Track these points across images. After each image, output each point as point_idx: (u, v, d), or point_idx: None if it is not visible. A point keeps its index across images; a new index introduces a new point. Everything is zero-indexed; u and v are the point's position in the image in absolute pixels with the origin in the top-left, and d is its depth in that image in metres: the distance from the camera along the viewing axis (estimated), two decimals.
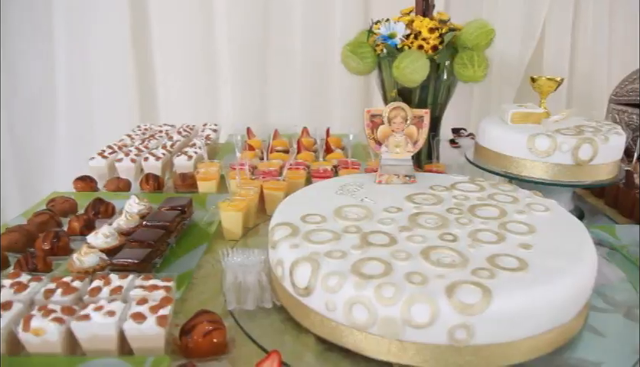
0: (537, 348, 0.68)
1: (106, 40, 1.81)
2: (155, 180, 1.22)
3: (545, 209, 0.89)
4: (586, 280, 0.74)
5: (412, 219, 0.84)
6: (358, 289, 0.66)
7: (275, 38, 1.88)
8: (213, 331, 0.70)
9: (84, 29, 1.79)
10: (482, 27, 1.17)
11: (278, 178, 1.14)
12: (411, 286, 0.65)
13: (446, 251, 0.74)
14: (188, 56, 1.86)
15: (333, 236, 0.78)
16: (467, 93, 1.93)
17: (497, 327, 0.65)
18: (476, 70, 1.14)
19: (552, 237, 0.80)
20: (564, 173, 1.06)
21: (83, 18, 1.78)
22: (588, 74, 1.89)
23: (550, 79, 1.18)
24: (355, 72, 1.25)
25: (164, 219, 0.98)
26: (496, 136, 1.12)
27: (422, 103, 1.26)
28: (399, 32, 1.18)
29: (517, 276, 0.69)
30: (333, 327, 0.70)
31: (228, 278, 0.84)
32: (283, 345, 0.72)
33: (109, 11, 1.78)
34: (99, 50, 1.82)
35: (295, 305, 0.75)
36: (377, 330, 0.66)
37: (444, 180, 1.02)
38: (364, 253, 0.74)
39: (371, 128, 1.00)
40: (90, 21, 1.79)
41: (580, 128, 1.09)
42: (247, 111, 1.91)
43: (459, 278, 0.67)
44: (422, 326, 0.64)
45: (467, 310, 0.63)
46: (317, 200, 0.92)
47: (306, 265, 0.72)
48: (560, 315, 0.69)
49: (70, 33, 1.79)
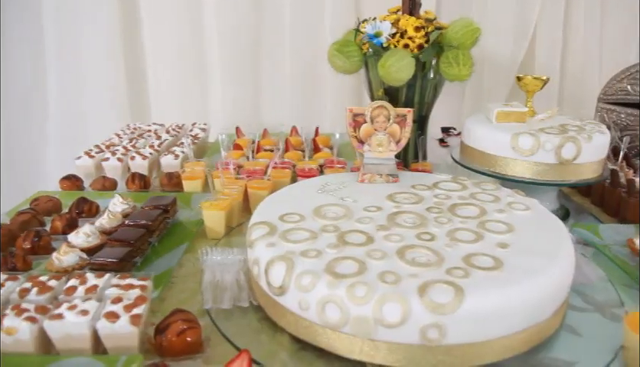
0: (511, 347, 0.68)
1: (96, 40, 1.80)
2: (141, 180, 1.22)
3: (525, 208, 0.89)
4: (563, 280, 0.74)
5: (390, 218, 0.84)
6: (331, 288, 0.66)
7: (265, 37, 1.88)
8: (187, 330, 0.70)
9: (74, 29, 1.78)
10: (468, 26, 1.16)
11: (262, 177, 1.14)
12: (384, 285, 0.65)
13: (422, 251, 0.74)
14: (179, 55, 1.86)
15: (310, 235, 0.78)
16: (458, 92, 1.93)
17: (470, 326, 0.65)
18: (461, 69, 1.13)
19: (530, 236, 0.80)
20: (548, 172, 1.05)
21: (73, 18, 1.77)
22: (580, 73, 1.89)
23: (536, 78, 1.18)
24: (342, 71, 1.24)
25: (146, 218, 0.98)
26: (481, 135, 1.12)
27: (409, 102, 1.25)
28: (385, 31, 1.18)
29: (492, 275, 0.69)
30: (307, 326, 0.70)
31: (206, 277, 0.84)
32: (258, 345, 0.73)
33: (99, 11, 1.77)
34: (89, 50, 1.81)
35: (271, 304, 0.75)
36: (349, 329, 0.66)
37: (427, 180, 1.02)
38: (340, 252, 0.74)
39: (353, 126, 1.00)
40: (80, 20, 1.78)
41: (564, 127, 1.08)
42: (238, 110, 1.90)
43: (433, 278, 0.67)
44: (393, 325, 0.64)
45: (439, 309, 0.63)
46: (297, 199, 0.92)
47: (281, 264, 0.71)
48: (534, 314, 0.69)
49: (60, 33, 1.78)
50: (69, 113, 1.86)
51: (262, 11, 1.84)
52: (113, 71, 1.82)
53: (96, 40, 1.80)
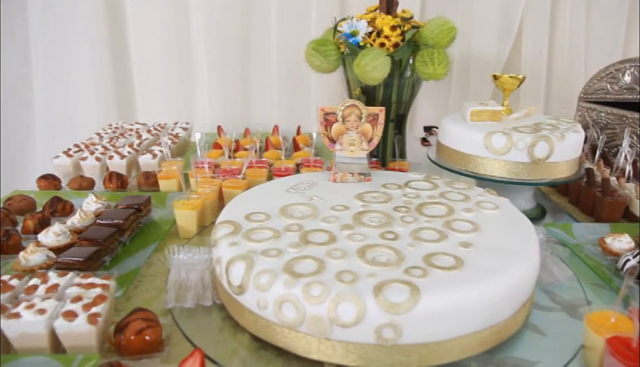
0: (469, 347, 0.68)
1: (82, 39, 1.80)
2: (119, 179, 1.22)
3: (494, 208, 0.89)
4: (524, 280, 0.73)
5: (356, 218, 0.84)
6: (288, 287, 0.66)
7: (252, 36, 1.87)
8: (146, 329, 0.70)
9: (60, 27, 1.78)
10: (444, 25, 1.16)
11: (237, 176, 1.14)
12: (340, 285, 0.65)
13: (384, 250, 0.74)
14: (165, 54, 1.85)
15: (273, 234, 0.78)
16: (444, 91, 1.93)
17: (426, 326, 0.64)
18: (436, 68, 1.13)
19: (495, 235, 0.80)
20: (522, 171, 1.05)
21: (59, 16, 1.77)
22: (566, 71, 1.88)
23: (512, 76, 1.17)
24: (319, 70, 1.24)
25: (118, 217, 0.98)
26: (455, 134, 1.12)
27: (387, 101, 1.25)
28: (361, 30, 1.18)
29: (451, 275, 0.68)
30: (265, 325, 0.70)
31: (171, 276, 0.84)
32: (218, 344, 0.73)
33: (86, 10, 1.77)
34: (75, 49, 1.81)
35: (232, 303, 0.75)
36: (305, 329, 0.66)
37: (399, 179, 1.02)
38: (301, 252, 0.73)
39: (325, 125, 1.00)
40: (66, 19, 1.78)
41: (538, 126, 1.08)
42: (225, 108, 1.90)
43: (390, 277, 0.67)
44: (348, 324, 0.64)
45: (393, 308, 0.63)
46: (266, 198, 0.92)
47: (241, 263, 0.71)
48: (494, 314, 0.69)
49: (46, 31, 1.78)
50: (55, 112, 1.86)
51: (249, 10, 1.84)
52: (100, 70, 1.82)
53: (82, 38, 1.80)
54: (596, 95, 1.40)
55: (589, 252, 0.98)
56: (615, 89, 1.37)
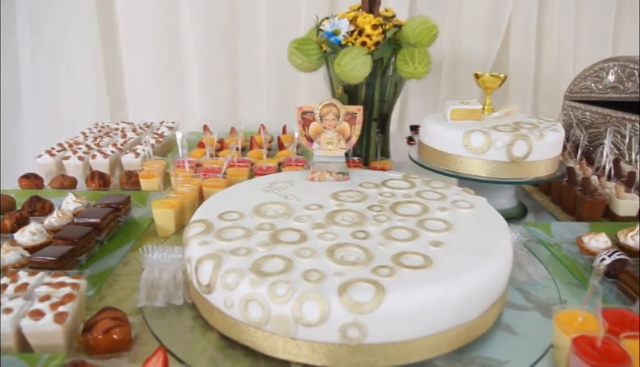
0: (437, 347, 0.68)
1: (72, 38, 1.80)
2: (101, 178, 1.22)
3: (469, 207, 0.89)
4: (494, 279, 0.73)
5: (329, 217, 0.84)
6: (253, 286, 0.66)
7: (241, 36, 1.88)
8: (114, 328, 0.69)
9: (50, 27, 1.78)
10: (425, 24, 1.15)
11: (218, 175, 1.14)
12: (305, 284, 0.65)
13: (353, 249, 0.74)
14: (155, 54, 1.86)
15: (244, 234, 0.78)
16: (434, 90, 1.92)
17: (391, 326, 0.64)
18: (416, 67, 1.13)
19: (467, 234, 0.80)
20: (500, 170, 1.05)
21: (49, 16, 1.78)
22: (554, 70, 1.88)
23: (494, 75, 1.17)
24: (301, 69, 1.24)
25: (96, 217, 0.98)
26: (436, 133, 1.12)
27: (369, 100, 1.25)
28: (343, 29, 1.18)
29: (418, 274, 0.68)
30: (232, 324, 0.70)
31: (144, 275, 0.84)
32: (187, 343, 0.72)
33: (76, 9, 1.77)
34: (65, 48, 1.81)
35: (202, 302, 0.75)
36: (271, 328, 0.66)
37: (377, 178, 1.02)
38: (270, 251, 0.73)
39: (302, 125, 1.00)
40: (56, 18, 1.78)
41: (518, 125, 1.08)
42: (214, 108, 1.90)
43: (357, 276, 0.66)
44: (313, 324, 0.63)
45: (357, 308, 0.63)
46: (242, 197, 0.92)
47: (209, 262, 0.71)
48: (461, 314, 0.69)
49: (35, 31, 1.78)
50: (45, 111, 1.86)
51: (238, 9, 1.84)
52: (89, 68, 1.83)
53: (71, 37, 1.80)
54: (581, 94, 1.40)
55: (566, 251, 0.97)
56: (599, 88, 1.37)
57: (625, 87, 1.31)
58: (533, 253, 0.96)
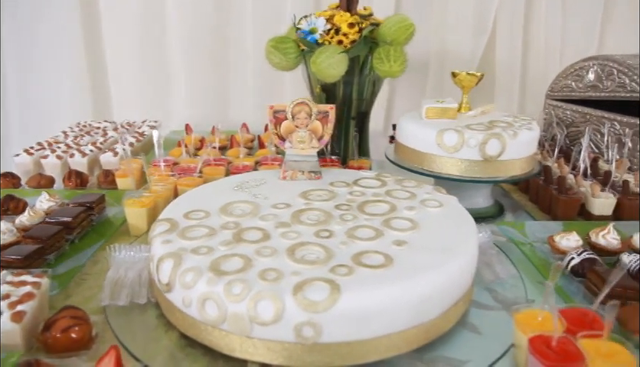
0: (395, 346, 0.67)
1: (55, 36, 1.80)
2: (78, 177, 1.22)
3: (438, 206, 0.88)
4: (455, 278, 0.72)
5: (294, 216, 0.83)
6: (210, 285, 0.66)
7: (227, 34, 1.87)
8: (72, 327, 0.69)
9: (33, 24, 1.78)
10: (401, 22, 1.15)
11: (193, 174, 1.14)
12: (261, 283, 0.65)
13: (315, 248, 0.73)
14: (140, 52, 1.85)
15: (208, 232, 0.78)
16: (420, 88, 1.92)
17: (347, 325, 0.64)
18: (392, 65, 1.12)
19: (432, 234, 0.79)
20: (474, 168, 1.04)
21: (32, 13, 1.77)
22: (541, 69, 1.87)
23: (470, 74, 1.17)
24: (279, 68, 1.24)
25: (67, 215, 0.98)
26: (410, 132, 1.11)
27: (347, 99, 1.25)
28: (319, 27, 1.17)
29: (377, 273, 0.68)
30: (191, 323, 0.70)
31: (110, 274, 0.84)
32: (147, 341, 0.72)
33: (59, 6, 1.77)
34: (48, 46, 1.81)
35: (164, 301, 0.75)
36: (227, 327, 0.66)
37: (350, 177, 1.01)
38: (231, 249, 0.73)
39: (274, 123, 1.00)
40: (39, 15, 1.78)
41: (492, 124, 1.07)
42: (200, 107, 1.90)
43: (314, 275, 0.66)
44: (267, 323, 0.63)
45: (311, 307, 0.62)
46: (211, 196, 0.92)
47: (169, 261, 0.71)
48: (420, 313, 0.68)
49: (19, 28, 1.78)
50: (29, 110, 1.86)
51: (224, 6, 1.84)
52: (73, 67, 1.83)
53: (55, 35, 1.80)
54: (562, 92, 1.40)
55: (539, 251, 0.97)
56: (579, 87, 1.36)
57: (604, 86, 1.30)
58: (504, 252, 0.96)
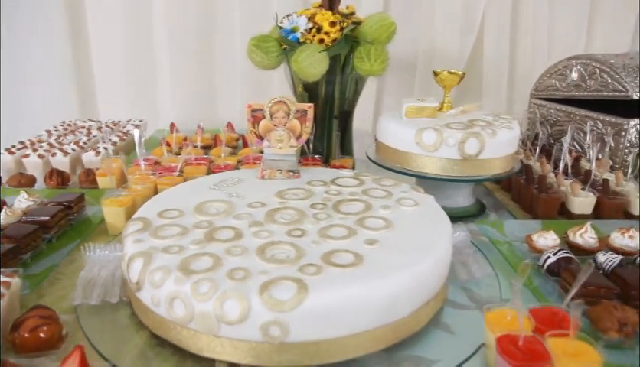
0: (363, 345, 0.67)
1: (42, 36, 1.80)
2: (59, 176, 1.21)
3: (414, 205, 0.88)
4: (425, 277, 0.72)
5: (269, 215, 0.83)
6: (178, 284, 0.66)
7: (214, 32, 1.87)
8: (41, 326, 0.69)
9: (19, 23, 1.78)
10: (382, 21, 1.15)
11: (173, 173, 1.14)
12: (229, 282, 0.65)
13: (286, 247, 0.73)
14: (126, 51, 1.85)
15: (181, 231, 0.78)
16: (408, 88, 1.92)
17: (314, 324, 0.64)
18: (373, 64, 1.12)
19: (404, 233, 0.79)
20: (454, 167, 1.04)
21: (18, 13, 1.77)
22: (528, 68, 1.87)
23: (452, 73, 1.17)
24: (261, 66, 1.23)
25: (44, 215, 0.97)
26: (390, 131, 1.11)
27: (329, 98, 1.24)
28: (301, 26, 1.17)
29: (346, 272, 0.68)
30: (160, 322, 0.69)
31: (83, 273, 0.84)
32: (117, 341, 0.72)
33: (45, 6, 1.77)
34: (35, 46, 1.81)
35: (135, 300, 0.75)
36: (194, 326, 0.66)
37: (328, 176, 1.01)
38: (202, 249, 0.73)
39: (252, 122, 0.99)
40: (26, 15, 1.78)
41: (472, 123, 1.07)
42: (187, 106, 1.90)
43: (282, 274, 0.66)
44: (234, 322, 0.63)
45: (278, 306, 0.62)
46: (187, 195, 0.91)
47: (139, 260, 0.71)
48: (389, 312, 0.68)
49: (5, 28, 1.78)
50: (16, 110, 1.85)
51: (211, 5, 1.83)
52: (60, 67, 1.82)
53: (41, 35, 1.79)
54: (546, 92, 1.39)
55: (517, 250, 0.97)
56: (563, 86, 1.36)
57: (587, 85, 1.30)
58: (481, 251, 0.95)
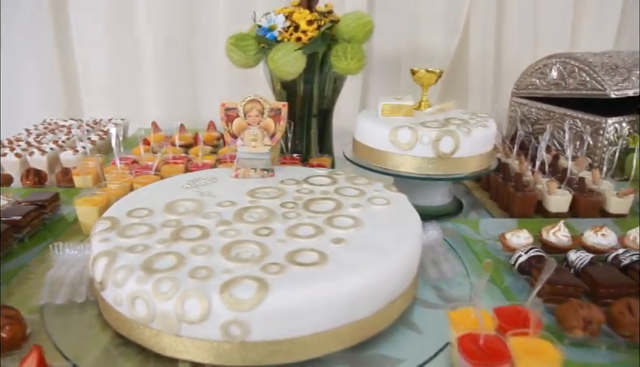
0: (326, 344, 0.67)
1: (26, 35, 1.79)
2: (37, 175, 1.21)
3: (385, 203, 0.88)
4: (389, 276, 0.72)
5: (237, 214, 0.83)
6: (140, 283, 0.66)
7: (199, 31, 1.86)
8: (3, 326, 0.69)
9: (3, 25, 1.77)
10: (359, 19, 1.14)
11: (149, 172, 1.13)
12: (190, 281, 0.65)
13: (251, 246, 0.73)
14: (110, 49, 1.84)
15: (148, 230, 0.77)
16: (394, 86, 1.91)
17: (275, 323, 0.63)
18: (349, 62, 1.12)
19: (372, 232, 0.79)
20: (429, 166, 1.04)
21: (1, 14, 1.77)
22: (514, 66, 1.87)
23: (430, 71, 1.17)
24: (239, 65, 1.23)
25: (16, 214, 0.97)
26: (366, 130, 1.11)
27: (308, 96, 1.24)
28: (278, 24, 1.17)
29: (308, 271, 0.68)
30: (123, 322, 0.69)
31: (51, 272, 0.83)
32: (81, 340, 0.72)
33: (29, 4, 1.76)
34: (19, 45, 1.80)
35: (101, 299, 0.74)
36: (156, 325, 0.65)
37: (302, 174, 1.01)
38: (167, 248, 0.73)
39: (226, 121, 0.99)
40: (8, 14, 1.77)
41: (448, 121, 1.07)
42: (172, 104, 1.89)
43: (244, 273, 0.66)
44: (194, 321, 0.63)
45: (238, 305, 0.62)
46: (159, 194, 0.91)
47: (103, 259, 0.71)
48: (352, 311, 0.68)
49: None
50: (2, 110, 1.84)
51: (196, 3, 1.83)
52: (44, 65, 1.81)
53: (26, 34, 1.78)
54: (527, 90, 1.39)
55: (490, 248, 0.97)
56: (543, 85, 1.36)
57: (566, 84, 1.30)
58: (454, 250, 0.95)
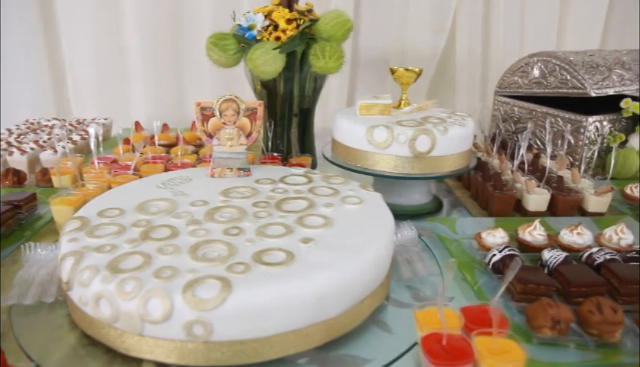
0: (292, 344, 0.67)
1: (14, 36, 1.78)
2: (16, 175, 1.20)
3: (358, 203, 0.88)
4: (357, 276, 0.71)
5: (208, 213, 0.83)
6: (104, 283, 0.65)
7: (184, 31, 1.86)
8: None
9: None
10: (338, 18, 1.14)
11: (128, 172, 1.13)
12: (154, 281, 0.64)
13: (218, 246, 0.73)
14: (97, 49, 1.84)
15: (117, 230, 0.77)
16: (381, 86, 1.91)
17: (239, 323, 0.63)
18: (327, 61, 1.11)
19: (342, 231, 0.78)
20: (406, 165, 1.04)
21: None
22: (500, 65, 1.87)
23: (409, 70, 1.17)
24: (219, 64, 1.22)
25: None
26: (344, 129, 1.10)
27: (288, 95, 1.24)
28: (258, 24, 1.16)
29: (274, 271, 0.67)
30: (90, 322, 0.69)
31: (21, 272, 0.83)
32: (48, 341, 0.71)
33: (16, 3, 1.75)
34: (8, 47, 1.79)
35: (69, 299, 0.74)
36: (120, 325, 0.65)
37: (277, 173, 1.01)
38: (135, 247, 0.73)
39: (202, 120, 0.99)
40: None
41: (425, 120, 1.07)
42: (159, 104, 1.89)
43: (209, 273, 0.66)
44: (157, 321, 0.63)
45: (200, 305, 0.62)
46: (132, 194, 0.91)
47: (70, 259, 0.71)
48: (319, 311, 0.67)
49: None
50: None
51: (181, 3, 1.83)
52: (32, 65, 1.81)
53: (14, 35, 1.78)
54: (510, 89, 1.39)
55: (466, 247, 0.97)
56: (525, 83, 1.36)
57: (547, 82, 1.30)
58: (429, 249, 0.95)
